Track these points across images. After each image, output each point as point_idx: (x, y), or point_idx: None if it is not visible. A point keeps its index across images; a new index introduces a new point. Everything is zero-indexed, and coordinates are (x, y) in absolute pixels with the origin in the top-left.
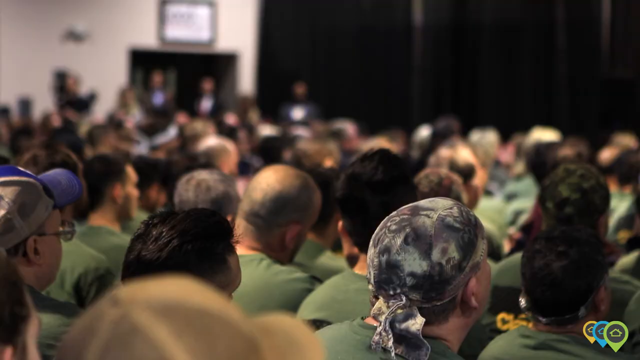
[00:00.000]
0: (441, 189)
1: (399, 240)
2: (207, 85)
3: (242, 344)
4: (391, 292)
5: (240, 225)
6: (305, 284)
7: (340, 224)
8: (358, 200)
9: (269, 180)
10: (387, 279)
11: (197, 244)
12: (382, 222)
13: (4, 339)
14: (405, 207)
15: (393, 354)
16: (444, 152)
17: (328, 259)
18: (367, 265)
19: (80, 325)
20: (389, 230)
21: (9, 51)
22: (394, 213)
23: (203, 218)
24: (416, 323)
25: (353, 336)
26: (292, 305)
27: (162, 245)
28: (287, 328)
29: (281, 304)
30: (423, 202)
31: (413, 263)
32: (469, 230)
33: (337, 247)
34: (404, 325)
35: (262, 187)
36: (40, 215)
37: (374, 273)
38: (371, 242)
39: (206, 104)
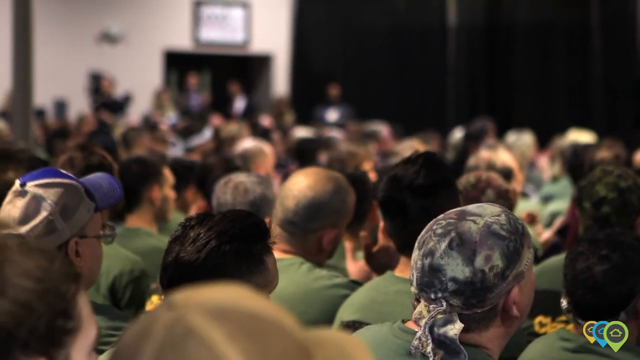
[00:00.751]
0: (474, 191)
1: (443, 245)
2: (235, 87)
3: (295, 349)
4: (432, 296)
5: (275, 231)
6: (346, 290)
7: (381, 224)
8: (398, 202)
9: (301, 186)
10: (429, 282)
11: (235, 244)
12: (428, 224)
13: (38, 350)
14: (452, 211)
15: (431, 359)
16: (483, 153)
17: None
18: (411, 267)
19: (135, 329)
20: (434, 234)
21: (44, 53)
22: (441, 216)
23: (240, 219)
24: (454, 328)
25: (393, 340)
26: (332, 311)
27: (200, 246)
28: (339, 341)
29: (322, 310)
30: (471, 207)
31: (456, 268)
32: (515, 239)
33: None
34: (442, 331)
35: (294, 194)
36: (82, 217)
37: (417, 275)
38: (416, 244)
39: (238, 105)
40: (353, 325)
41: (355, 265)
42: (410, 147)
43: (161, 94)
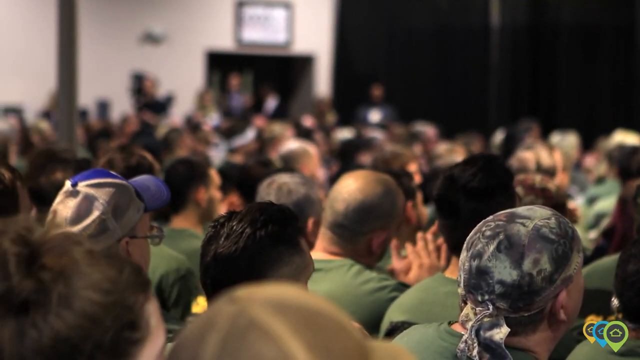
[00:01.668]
0: None
1: (491, 247)
2: (265, 89)
3: (354, 347)
4: (479, 299)
5: (325, 235)
6: (395, 292)
7: (436, 223)
8: (451, 203)
9: (350, 189)
10: (476, 284)
11: (269, 228)
12: (477, 225)
13: (110, 356)
14: (502, 213)
15: (469, 354)
16: (521, 154)
17: None
18: (459, 269)
19: (197, 322)
20: (482, 236)
21: (87, 54)
22: (490, 218)
23: (265, 207)
24: (500, 332)
25: (439, 342)
26: (381, 313)
27: (235, 238)
28: (390, 348)
29: (370, 312)
30: (521, 210)
31: (503, 271)
32: (564, 243)
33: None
34: (488, 334)
35: (343, 198)
36: (132, 217)
37: (464, 277)
38: (464, 245)
39: (270, 105)
40: (402, 326)
41: (400, 263)
42: (450, 148)
43: (204, 95)
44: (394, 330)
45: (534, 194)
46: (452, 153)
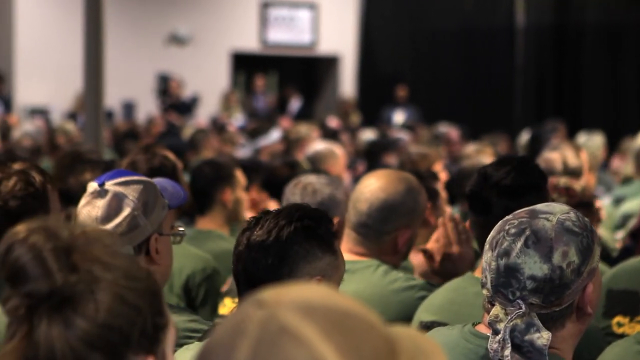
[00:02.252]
0: None
1: (519, 244)
2: (289, 90)
3: (384, 345)
4: (510, 297)
5: (349, 236)
6: (422, 291)
7: (467, 223)
8: (484, 200)
9: (372, 188)
10: (506, 282)
11: (304, 222)
12: (498, 225)
13: (147, 350)
14: (522, 211)
15: (501, 355)
16: (548, 154)
17: None
18: (483, 270)
19: (226, 327)
20: (507, 234)
21: (113, 55)
22: (510, 216)
23: (303, 206)
24: (542, 337)
25: (465, 344)
26: (409, 313)
27: (270, 227)
28: (413, 336)
29: (398, 312)
30: (540, 206)
31: (534, 266)
32: (587, 235)
33: None
34: (527, 338)
35: (366, 197)
36: (159, 214)
37: (491, 277)
38: (487, 246)
39: (294, 106)
40: (431, 326)
41: (417, 257)
42: (478, 150)
43: (229, 96)
44: (424, 330)
45: (558, 192)
46: (480, 154)
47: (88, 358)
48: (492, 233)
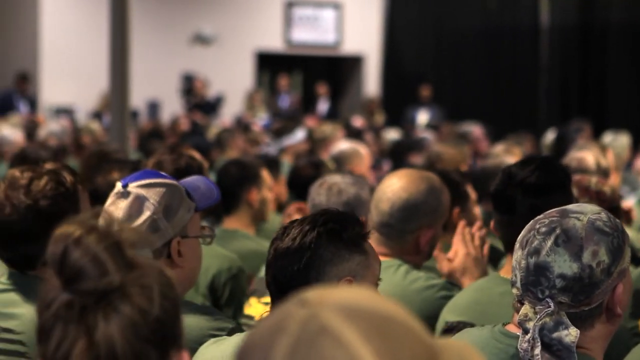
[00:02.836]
0: None
1: (549, 242)
2: (322, 89)
3: (424, 351)
4: (539, 295)
5: (372, 236)
6: (443, 291)
7: (492, 223)
8: (508, 199)
9: (394, 188)
10: (535, 281)
11: (328, 226)
12: (529, 224)
13: (180, 345)
14: (553, 210)
15: (530, 355)
16: (580, 153)
17: None
18: (513, 268)
19: (267, 324)
20: (538, 232)
21: (138, 55)
22: (541, 216)
23: (329, 210)
24: (570, 335)
25: (495, 344)
26: (430, 312)
27: (295, 234)
28: (459, 348)
29: (419, 311)
30: (571, 206)
31: (563, 264)
32: (617, 236)
33: None
34: (555, 335)
35: (388, 197)
36: (183, 217)
37: (521, 276)
38: (517, 245)
39: (322, 107)
40: (457, 327)
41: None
42: (506, 149)
43: (253, 95)
44: (450, 330)
45: (589, 196)
46: (508, 154)
47: (145, 353)
48: (522, 232)
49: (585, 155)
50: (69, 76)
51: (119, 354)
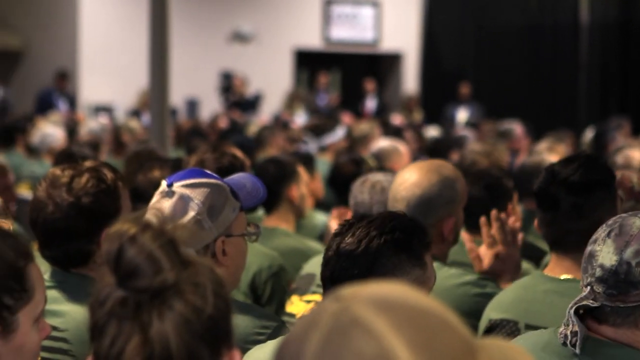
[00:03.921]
0: None
1: (604, 233)
2: (370, 85)
3: (460, 344)
4: (584, 282)
5: None
6: (476, 288)
7: (535, 222)
8: (552, 196)
9: (407, 185)
10: (585, 267)
11: (395, 235)
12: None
13: (231, 344)
14: (635, 212)
15: (569, 340)
16: (628, 151)
17: None
18: None
19: (302, 321)
20: (606, 225)
21: (177, 53)
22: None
23: (397, 216)
24: (573, 308)
25: (557, 341)
26: (464, 310)
27: (361, 236)
28: (502, 346)
29: (452, 308)
30: None
31: (605, 255)
32: None
33: None
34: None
35: (402, 196)
36: (228, 216)
37: (582, 265)
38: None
39: (370, 104)
40: (501, 324)
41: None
42: (550, 147)
43: (294, 93)
44: (493, 328)
45: (635, 199)
46: (551, 151)
47: (199, 352)
48: None
49: (633, 152)
50: (107, 74)
51: (173, 351)
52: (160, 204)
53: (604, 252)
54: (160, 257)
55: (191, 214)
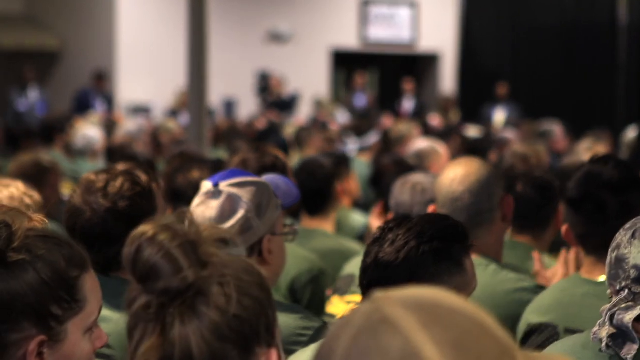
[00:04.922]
0: None
1: (628, 236)
2: (408, 85)
3: (494, 345)
4: (617, 287)
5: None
6: (532, 294)
7: (564, 228)
8: (597, 200)
9: (459, 178)
10: (615, 274)
11: (434, 244)
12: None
13: (269, 343)
14: None
15: (604, 344)
16: None
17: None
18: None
19: (339, 321)
20: (623, 229)
21: (214, 53)
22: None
23: (438, 221)
24: (630, 314)
25: (594, 345)
26: (517, 315)
27: (399, 247)
28: (544, 357)
29: (506, 313)
30: None
31: (637, 256)
32: None
33: (552, 250)
34: (619, 317)
35: (459, 190)
36: (272, 214)
37: (607, 272)
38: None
39: (407, 104)
40: (540, 328)
41: (542, 268)
42: (589, 147)
43: (333, 96)
44: (532, 332)
45: None
46: (591, 152)
47: (223, 352)
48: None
49: None
50: (145, 74)
51: (194, 354)
52: (207, 204)
53: (634, 253)
54: (178, 256)
55: (241, 212)
